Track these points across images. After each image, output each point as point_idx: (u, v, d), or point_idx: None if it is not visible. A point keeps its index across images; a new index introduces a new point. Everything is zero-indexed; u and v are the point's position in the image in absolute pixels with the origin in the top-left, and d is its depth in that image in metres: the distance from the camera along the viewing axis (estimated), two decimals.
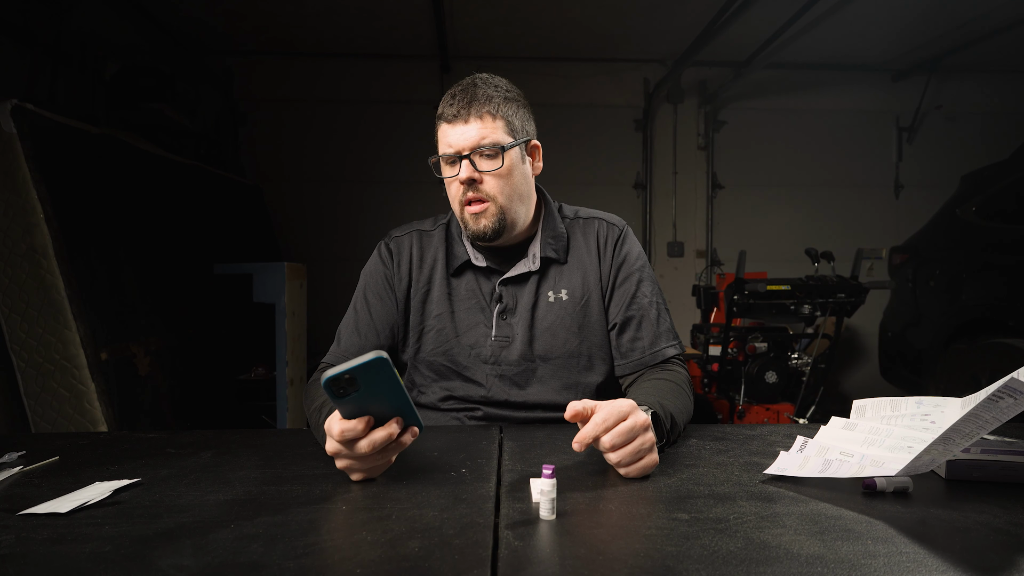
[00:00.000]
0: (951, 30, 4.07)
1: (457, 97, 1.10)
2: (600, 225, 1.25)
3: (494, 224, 1.13)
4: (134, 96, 3.30)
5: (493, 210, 1.13)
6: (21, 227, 2.19)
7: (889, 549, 0.61)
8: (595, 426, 0.80)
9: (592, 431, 0.80)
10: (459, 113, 1.09)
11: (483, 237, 1.14)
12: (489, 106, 1.10)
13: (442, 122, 1.12)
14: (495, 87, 1.13)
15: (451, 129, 1.11)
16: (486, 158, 1.11)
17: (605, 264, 1.22)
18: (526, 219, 1.20)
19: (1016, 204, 2.73)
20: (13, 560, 0.60)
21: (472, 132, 1.09)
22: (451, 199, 1.16)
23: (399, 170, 4.72)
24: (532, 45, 4.46)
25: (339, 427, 0.76)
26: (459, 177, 1.11)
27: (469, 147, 1.10)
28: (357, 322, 1.21)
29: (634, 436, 0.81)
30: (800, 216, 4.95)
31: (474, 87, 1.12)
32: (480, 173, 1.11)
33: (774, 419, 3.35)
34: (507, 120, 1.12)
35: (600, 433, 0.80)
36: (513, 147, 1.13)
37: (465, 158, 1.10)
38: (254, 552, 0.60)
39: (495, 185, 1.12)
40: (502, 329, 1.19)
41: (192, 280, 3.15)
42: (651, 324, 1.19)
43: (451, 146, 1.11)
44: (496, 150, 1.11)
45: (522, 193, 1.17)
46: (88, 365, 2.21)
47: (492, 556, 0.59)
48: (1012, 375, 0.63)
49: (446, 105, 1.11)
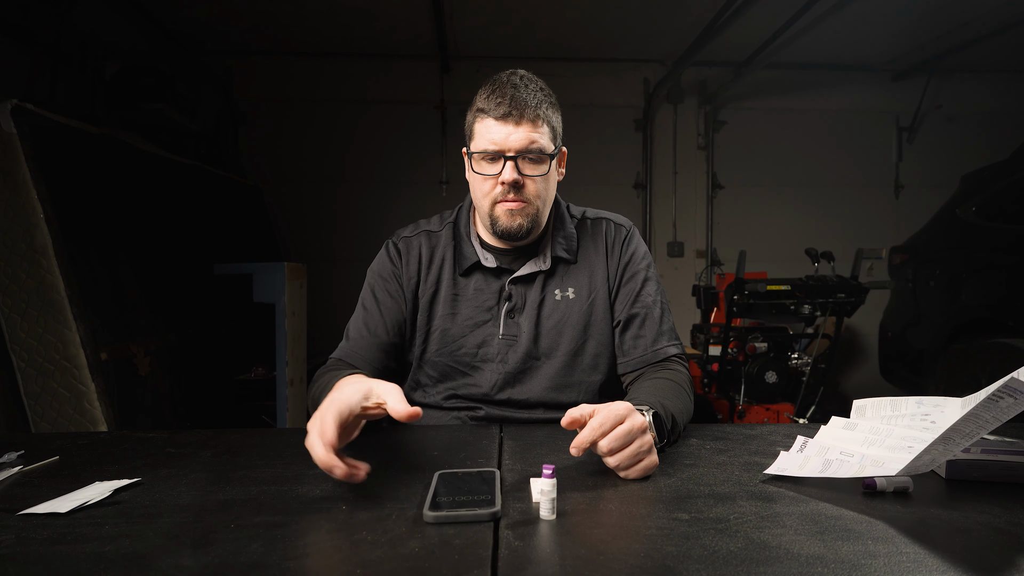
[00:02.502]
0: (951, 30, 4.07)
1: (507, 95, 1.08)
2: (608, 225, 1.26)
3: (528, 224, 1.14)
4: (134, 96, 3.31)
5: (530, 211, 1.13)
6: (21, 227, 2.19)
7: (889, 549, 0.61)
8: (592, 431, 0.79)
9: (589, 436, 0.79)
10: (510, 113, 1.08)
11: (515, 235, 1.14)
12: (540, 110, 1.10)
13: (487, 117, 1.10)
14: (541, 90, 1.12)
15: (499, 127, 1.08)
16: (531, 163, 1.11)
17: (612, 263, 1.22)
18: (545, 223, 1.21)
19: (1016, 204, 2.73)
20: (13, 560, 0.60)
21: (522, 135, 1.08)
22: (480, 195, 1.14)
23: (399, 170, 4.72)
24: (532, 45, 4.46)
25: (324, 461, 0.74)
26: (503, 178, 1.09)
27: (516, 149, 1.09)
28: (366, 319, 1.21)
29: (632, 439, 0.81)
30: (800, 216, 4.95)
31: (523, 87, 1.10)
32: (523, 177, 1.10)
33: (774, 419, 3.35)
34: (552, 127, 1.13)
35: (597, 438, 0.79)
36: (555, 154, 1.14)
37: (511, 159, 1.09)
38: (254, 552, 0.60)
39: (535, 189, 1.12)
40: (510, 328, 1.19)
41: (192, 280, 3.14)
42: (654, 323, 1.19)
43: (495, 144, 1.09)
44: (543, 156, 1.11)
45: (550, 199, 1.19)
46: (88, 365, 2.21)
47: (492, 556, 0.59)
48: (1012, 375, 0.63)
49: (492, 101, 1.09)
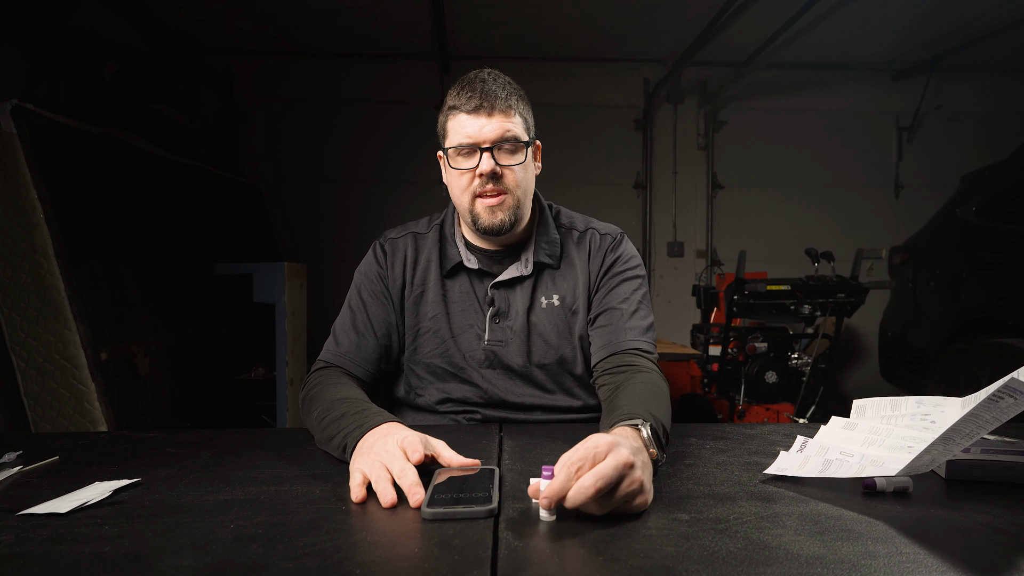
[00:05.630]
0: (951, 30, 4.07)
1: (476, 89, 1.09)
2: (592, 235, 1.24)
3: (510, 217, 1.13)
4: (134, 96, 3.30)
5: (510, 202, 1.13)
6: (21, 227, 2.19)
7: (889, 549, 0.61)
8: (560, 483, 0.65)
9: (558, 489, 0.65)
10: (481, 105, 1.08)
11: (498, 230, 1.13)
12: (511, 101, 1.10)
13: (459, 113, 1.10)
14: (509, 83, 1.13)
15: (471, 120, 1.09)
16: (507, 152, 1.11)
17: (594, 267, 1.21)
18: (528, 218, 1.20)
19: (1016, 204, 2.73)
20: (13, 560, 0.60)
21: (495, 125, 1.09)
22: (459, 191, 1.14)
23: (399, 170, 4.72)
24: (532, 45, 4.46)
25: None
26: (480, 169, 1.09)
27: (491, 140, 1.09)
28: (354, 320, 1.20)
29: (618, 479, 0.66)
30: (800, 216, 4.95)
31: (491, 81, 1.11)
32: (500, 167, 1.10)
33: (774, 419, 3.35)
34: (523, 118, 1.14)
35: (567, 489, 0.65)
36: (530, 143, 1.14)
37: (486, 151, 1.09)
38: (254, 552, 0.60)
39: (513, 179, 1.12)
40: (495, 333, 1.18)
41: (192, 280, 3.14)
42: (624, 316, 1.16)
43: (470, 137, 1.09)
44: (518, 145, 1.11)
45: (530, 190, 1.18)
46: (88, 365, 2.21)
47: (492, 556, 0.59)
48: (1012, 375, 0.63)
49: (463, 97, 1.09)
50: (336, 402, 0.97)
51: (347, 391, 1.03)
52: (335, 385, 1.06)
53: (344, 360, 1.17)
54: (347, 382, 1.10)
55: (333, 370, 1.15)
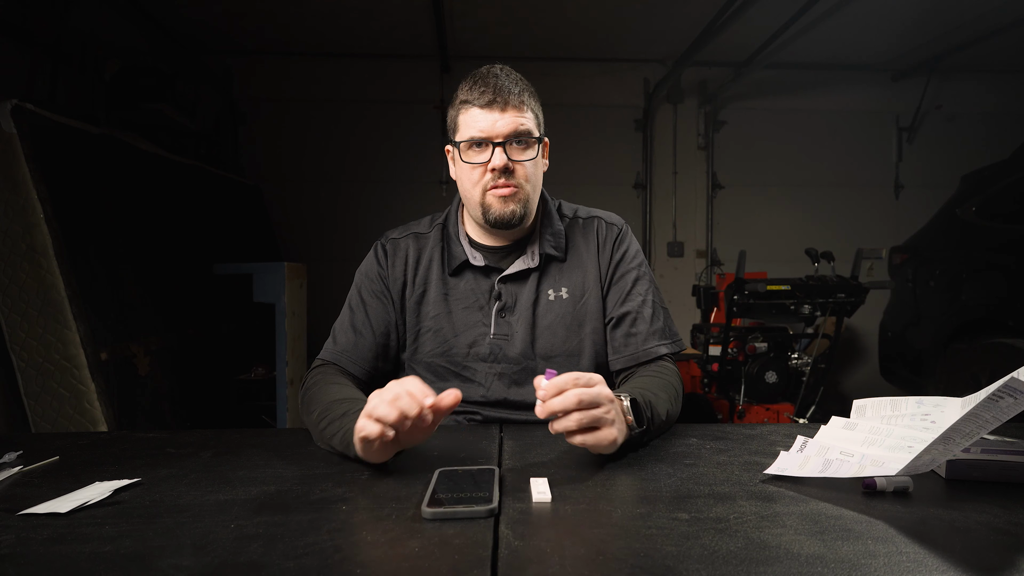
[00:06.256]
0: (951, 30, 4.07)
1: (489, 84, 1.09)
2: (599, 224, 1.25)
3: (521, 209, 1.14)
4: (134, 96, 3.30)
5: (522, 196, 1.13)
6: (21, 227, 2.19)
7: (889, 549, 0.61)
8: (553, 386, 0.80)
9: (552, 392, 0.80)
10: (495, 100, 1.09)
11: (508, 222, 1.14)
12: (523, 96, 1.11)
13: (472, 107, 1.10)
14: (521, 79, 1.14)
15: (485, 115, 1.09)
16: (519, 147, 1.12)
17: (603, 261, 1.22)
18: (534, 213, 1.21)
19: (1016, 204, 2.73)
20: (13, 560, 0.60)
21: (508, 120, 1.09)
22: (470, 185, 1.14)
23: (399, 170, 4.72)
24: (532, 45, 4.46)
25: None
26: (493, 164, 1.10)
27: (505, 134, 1.09)
28: (353, 320, 1.20)
29: (595, 404, 0.81)
30: (800, 216, 4.95)
31: (504, 76, 1.11)
32: (513, 162, 1.11)
33: (774, 419, 3.35)
34: (535, 113, 1.14)
35: (554, 395, 0.80)
36: (541, 139, 1.15)
37: (499, 145, 1.10)
38: (254, 552, 0.60)
39: (524, 174, 1.13)
40: (500, 327, 1.19)
41: (192, 280, 3.15)
42: (645, 322, 1.18)
43: (483, 132, 1.09)
44: (530, 140, 1.12)
45: (539, 186, 1.19)
46: (88, 365, 2.21)
47: (492, 556, 0.59)
48: (1012, 375, 0.63)
49: (475, 91, 1.10)
50: (336, 402, 0.98)
51: (346, 391, 1.03)
52: (332, 385, 1.07)
53: (341, 358, 1.17)
54: (344, 381, 1.10)
55: (330, 367, 1.16)
